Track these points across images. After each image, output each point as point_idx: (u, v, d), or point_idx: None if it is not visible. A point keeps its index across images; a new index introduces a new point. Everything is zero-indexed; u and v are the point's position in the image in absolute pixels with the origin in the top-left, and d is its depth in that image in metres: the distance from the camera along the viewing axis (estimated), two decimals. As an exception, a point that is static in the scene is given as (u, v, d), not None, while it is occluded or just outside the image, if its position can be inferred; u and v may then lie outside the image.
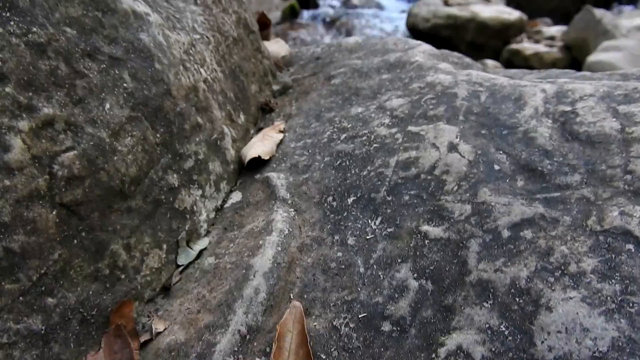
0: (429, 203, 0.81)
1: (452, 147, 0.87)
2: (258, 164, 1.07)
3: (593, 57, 4.14)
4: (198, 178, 0.94)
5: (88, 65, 0.77)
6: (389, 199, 0.85)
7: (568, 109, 0.87)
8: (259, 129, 1.22)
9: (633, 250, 0.63)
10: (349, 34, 6.13)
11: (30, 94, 0.69)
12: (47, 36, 0.72)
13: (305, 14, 6.57)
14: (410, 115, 0.99)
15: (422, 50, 1.23)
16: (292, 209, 0.90)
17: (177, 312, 0.76)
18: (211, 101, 1.00)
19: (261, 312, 0.72)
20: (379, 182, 0.88)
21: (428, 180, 0.84)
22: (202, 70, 1.00)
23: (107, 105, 0.78)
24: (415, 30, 5.71)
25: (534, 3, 6.51)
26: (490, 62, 4.96)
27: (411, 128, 0.96)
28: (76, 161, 0.72)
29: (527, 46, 5.31)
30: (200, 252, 0.88)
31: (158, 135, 0.86)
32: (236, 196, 1.01)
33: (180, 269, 0.85)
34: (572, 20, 5.18)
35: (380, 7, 6.67)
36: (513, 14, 5.54)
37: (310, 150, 1.04)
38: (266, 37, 1.64)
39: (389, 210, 0.83)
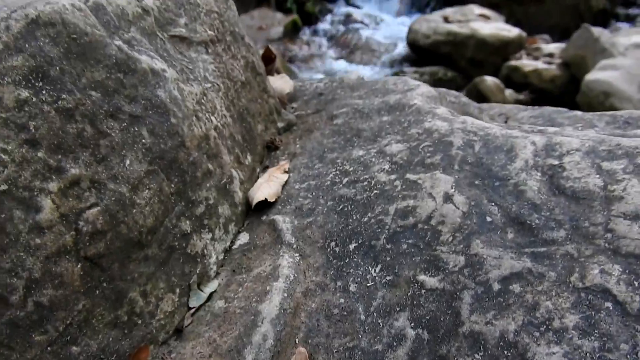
0: (426, 253, 0.87)
1: (448, 198, 0.93)
2: (264, 204, 1.13)
3: (591, 76, 4.20)
4: (208, 222, 1.00)
5: (111, 125, 0.83)
6: (388, 247, 0.91)
7: (556, 162, 0.93)
8: (265, 167, 1.28)
9: (611, 308, 0.69)
10: (350, 49, 6.22)
11: (60, 156, 0.75)
12: (75, 101, 0.78)
13: (307, 29, 6.66)
14: (409, 162, 1.05)
15: (420, 93, 1.30)
16: (297, 254, 0.96)
17: (189, 356, 0.82)
18: (221, 147, 1.07)
19: (269, 358, 0.78)
20: (379, 230, 0.94)
21: (425, 230, 0.90)
22: (212, 118, 1.07)
23: (127, 162, 0.84)
24: (416, 46, 5.79)
25: (533, 20, 6.60)
26: (489, 79, 5.02)
27: (409, 176, 1.02)
28: (99, 217, 0.78)
29: (526, 63, 5.39)
30: (211, 295, 0.93)
31: (172, 185, 0.92)
32: (244, 237, 1.07)
33: (192, 311, 0.91)
34: (571, 38, 5.26)
35: (381, 22, 6.77)
36: (512, 31, 5.62)
37: (314, 193, 1.10)
38: (270, 72, 1.71)
39: (388, 258, 0.89)
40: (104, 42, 0.85)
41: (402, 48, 6.12)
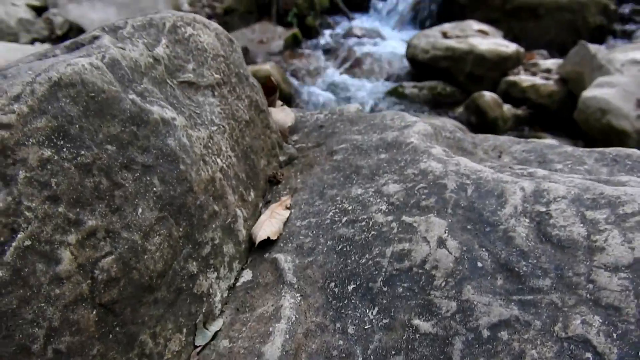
0: (420, 297, 0.92)
1: (441, 242, 0.99)
2: (267, 242, 1.18)
3: (588, 93, 4.27)
4: (214, 262, 1.05)
5: (125, 176, 0.88)
6: (385, 289, 0.96)
7: (543, 209, 0.98)
8: (267, 202, 1.33)
9: (591, 358, 0.74)
10: (350, 63, 6.28)
11: (78, 209, 0.81)
12: (93, 156, 0.84)
13: (308, 43, 6.74)
14: (405, 204, 1.11)
15: (416, 131, 1.35)
16: (298, 294, 1.01)
17: (197, 395, 0.87)
18: (226, 188, 1.12)
19: (272, 400, 0.83)
20: (376, 272, 1.00)
21: (419, 274, 0.96)
22: (218, 160, 1.12)
23: (140, 210, 0.89)
24: (415, 61, 5.87)
25: (531, 35, 6.69)
26: (487, 94, 5.09)
27: (405, 218, 1.07)
28: (114, 265, 0.84)
29: (524, 78, 5.46)
30: (216, 334, 0.98)
31: (181, 229, 0.98)
32: (247, 275, 1.12)
33: (198, 349, 0.96)
34: (568, 55, 5.34)
35: (380, 36, 6.85)
36: (510, 47, 5.70)
37: (314, 231, 1.16)
38: (272, 103, 1.76)
39: (384, 301, 0.94)
40: (119, 97, 0.91)
41: (401, 62, 6.20)
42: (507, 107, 5.21)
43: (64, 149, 0.80)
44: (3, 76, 0.81)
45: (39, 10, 7.08)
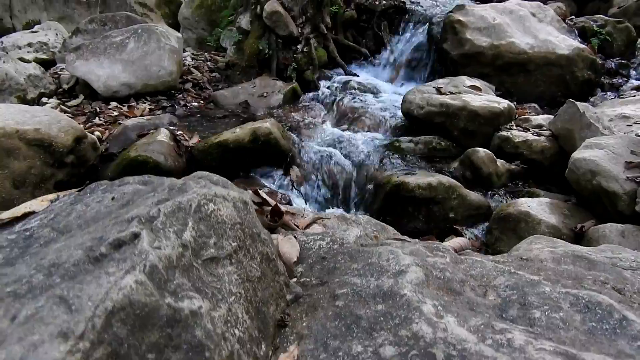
0: None
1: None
2: (278, 398, 1.33)
3: (578, 154, 4.41)
4: None
5: (159, 380, 1.04)
6: None
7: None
8: (276, 348, 1.49)
9: None
10: (347, 117, 6.50)
11: None
12: (135, 371, 1.00)
13: (306, 96, 6.98)
14: (400, 370, 1.27)
15: (409, 281, 1.52)
16: None
17: None
18: (243, 356, 1.28)
19: None
20: None
21: None
22: (236, 330, 1.29)
23: (171, 407, 1.05)
24: (410, 116, 6.09)
25: (522, 89, 6.96)
26: (481, 151, 5.28)
27: (400, 387, 1.23)
28: None
29: (516, 134, 5.68)
30: None
31: (205, 412, 1.13)
32: None
33: None
34: (557, 112, 5.56)
35: (377, 90, 7.11)
36: (502, 104, 5.93)
37: (320, 391, 1.31)
38: (278, 227, 1.94)
39: None
40: (158, 306, 1.07)
41: (397, 116, 6.43)
42: (500, 163, 5.40)
43: (114, 374, 0.96)
44: (68, 308, 0.97)
45: (47, 64, 7.35)
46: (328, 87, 7.10)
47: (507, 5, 7.30)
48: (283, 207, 1.83)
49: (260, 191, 1.78)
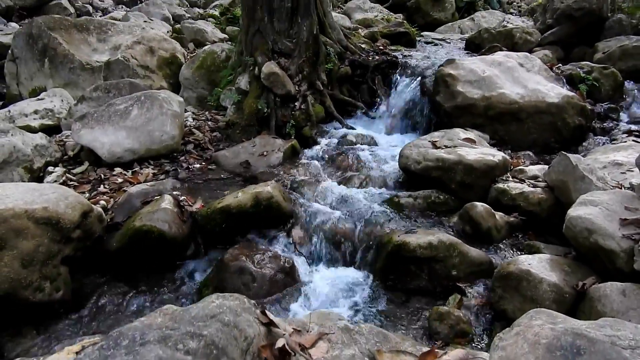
0: None
1: None
2: None
3: (573, 212, 4.48)
4: None
5: None
6: None
7: None
8: None
9: None
10: (345, 172, 6.63)
11: None
12: None
13: (305, 152, 7.14)
14: None
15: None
16: None
17: None
18: None
19: None
20: None
21: None
22: None
23: None
24: (408, 171, 6.23)
25: (515, 137, 7.13)
26: (479, 205, 5.36)
27: None
28: None
29: (512, 185, 5.78)
30: None
31: None
32: None
33: None
34: (551, 164, 5.68)
35: (374, 143, 7.29)
36: (496, 156, 6.06)
37: None
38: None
39: None
40: None
41: (394, 169, 6.56)
42: (499, 215, 5.47)
43: None
44: None
45: (53, 129, 7.57)
46: (326, 143, 7.28)
47: (496, 58, 7.57)
48: (288, 326, 1.87)
49: (267, 312, 1.84)
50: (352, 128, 7.76)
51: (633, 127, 7.21)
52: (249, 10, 7.88)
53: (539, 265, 4.29)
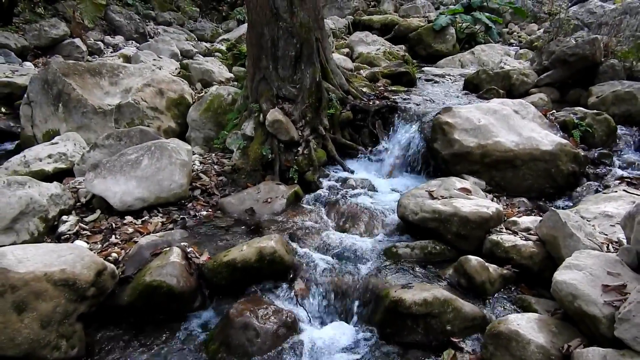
0: None
1: None
2: None
3: (559, 276, 4.69)
4: None
5: None
6: None
7: None
8: None
9: None
10: (346, 219, 6.88)
11: None
12: None
13: (308, 197, 7.42)
14: None
15: None
16: None
17: None
18: None
19: None
20: None
21: None
22: None
23: None
24: (406, 221, 6.49)
25: (511, 183, 7.38)
26: (473, 259, 5.60)
27: None
28: None
29: (505, 238, 6.01)
30: None
31: None
32: None
33: None
34: (542, 218, 5.92)
35: (373, 188, 7.57)
36: (490, 208, 6.32)
37: None
38: None
39: None
40: None
41: (393, 216, 6.82)
42: (493, 268, 5.69)
43: None
44: None
45: (66, 172, 7.91)
46: (328, 187, 7.55)
47: (491, 106, 7.85)
48: None
49: None
50: (352, 171, 8.04)
51: (625, 173, 7.45)
52: (254, 59, 8.23)
53: (527, 325, 4.50)
